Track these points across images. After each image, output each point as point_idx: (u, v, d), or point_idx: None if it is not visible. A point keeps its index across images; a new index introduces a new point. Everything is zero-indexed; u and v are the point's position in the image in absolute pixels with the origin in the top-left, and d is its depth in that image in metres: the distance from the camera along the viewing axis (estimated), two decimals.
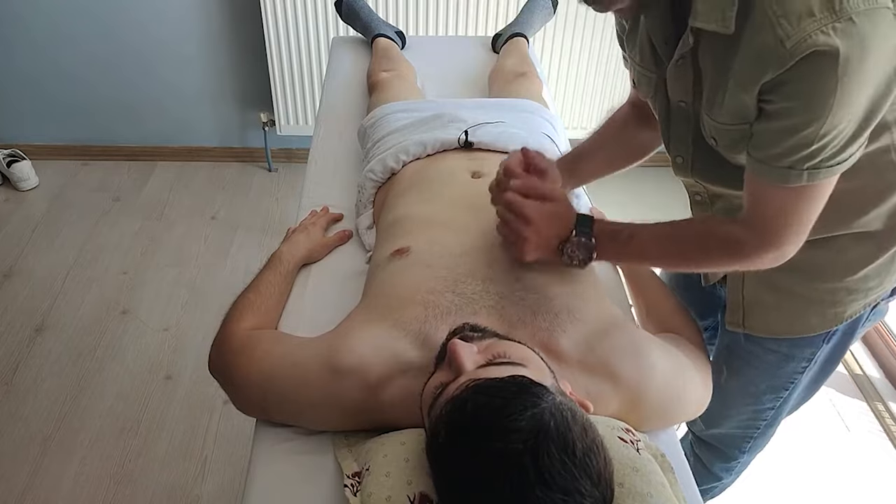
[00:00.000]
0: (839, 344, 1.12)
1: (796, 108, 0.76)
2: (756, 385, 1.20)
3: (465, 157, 1.35)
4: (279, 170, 3.05)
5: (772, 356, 1.14)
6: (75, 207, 2.77)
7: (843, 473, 1.90)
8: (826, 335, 1.09)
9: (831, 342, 1.11)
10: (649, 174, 2.98)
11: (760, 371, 1.18)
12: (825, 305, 1.05)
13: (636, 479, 0.83)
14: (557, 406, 0.72)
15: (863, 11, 0.70)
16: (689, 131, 0.96)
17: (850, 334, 1.12)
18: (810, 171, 0.80)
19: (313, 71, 2.71)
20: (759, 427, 1.29)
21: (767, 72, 0.76)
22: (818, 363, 1.14)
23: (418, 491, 0.82)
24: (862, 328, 1.12)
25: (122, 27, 2.70)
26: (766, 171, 0.83)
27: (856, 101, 0.74)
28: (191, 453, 1.87)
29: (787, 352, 1.13)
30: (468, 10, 2.61)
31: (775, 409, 1.24)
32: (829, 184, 0.83)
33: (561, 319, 0.97)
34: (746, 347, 1.15)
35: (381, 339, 0.96)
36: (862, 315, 1.08)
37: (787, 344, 1.12)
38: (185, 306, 2.33)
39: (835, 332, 1.09)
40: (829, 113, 0.74)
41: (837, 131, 0.76)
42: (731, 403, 1.25)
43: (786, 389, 1.20)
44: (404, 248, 1.11)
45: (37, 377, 2.07)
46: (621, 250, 1.03)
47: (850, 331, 1.11)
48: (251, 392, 1.00)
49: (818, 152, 0.78)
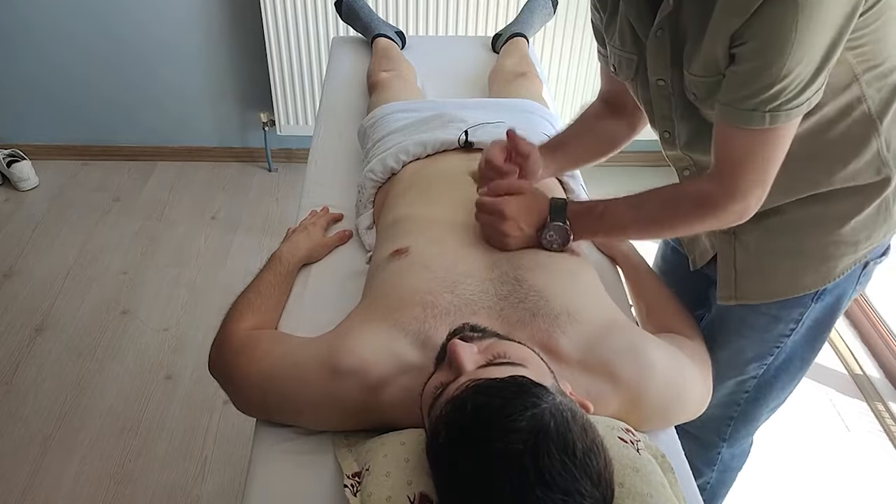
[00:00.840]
0: (829, 306, 1.12)
1: (760, 50, 0.82)
2: (743, 354, 1.20)
3: (465, 157, 1.35)
4: (279, 170, 3.05)
5: (761, 319, 1.15)
6: (75, 207, 2.77)
7: (843, 473, 1.90)
8: (815, 294, 1.10)
9: (820, 302, 1.11)
10: (649, 174, 2.98)
11: (748, 338, 1.18)
12: (816, 261, 1.07)
13: (636, 479, 0.83)
14: (557, 406, 0.72)
15: None
16: (670, 108, 1.02)
17: (841, 298, 1.12)
18: (772, 114, 0.85)
19: (313, 71, 2.71)
20: (739, 403, 1.27)
21: (736, 18, 0.81)
22: (805, 326, 1.14)
23: (418, 491, 0.82)
24: (853, 291, 1.14)
25: (122, 27, 2.71)
26: (730, 114, 0.88)
27: (814, 42, 0.80)
28: (191, 453, 1.87)
29: (776, 313, 1.13)
30: (468, 10, 2.61)
31: (758, 378, 1.22)
32: (789, 129, 0.88)
33: (561, 320, 0.97)
34: (737, 315, 1.17)
35: (381, 339, 0.96)
36: (852, 274, 1.09)
37: (776, 306, 1.12)
38: (185, 306, 2.33)
39: (823, 291, 1.10)
40: (789, 53, 0.80)
41: (797, 73, 0.82)
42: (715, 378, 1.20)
43: (771, 355, 1.19)
44: (403, 248, 1.11)
45: (37, 377, 2.07)
46: (596, 226, 1.09)
47: (841, 294, 1.12)
48: (251, 392, 1.00)
49: (779, 94, 0.83)
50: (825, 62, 0.83)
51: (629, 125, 1.24)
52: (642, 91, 1.06)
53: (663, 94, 1.01)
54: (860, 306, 2.31)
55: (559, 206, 1.08)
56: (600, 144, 1.28)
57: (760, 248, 1.09)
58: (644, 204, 1.05)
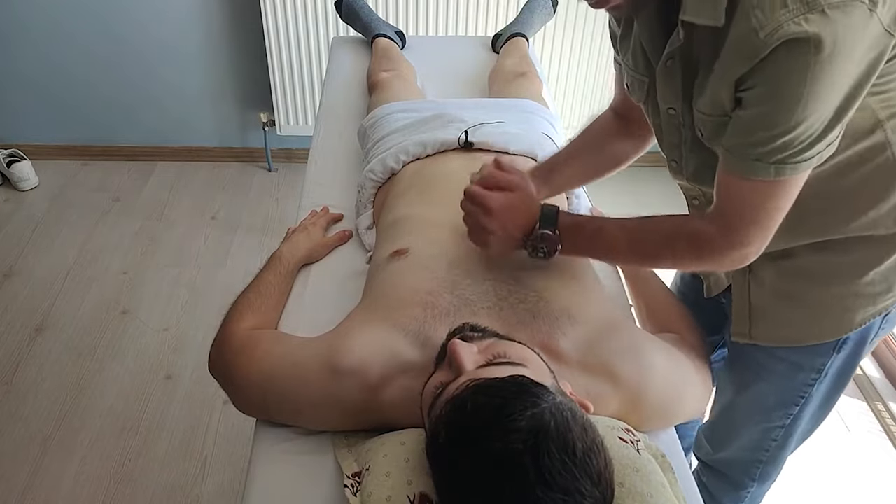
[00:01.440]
0: (851, 355, 1.07)
1: (767, 99, 0.77)
2: (766, 399, 1.15)
3: (466, 158, 1.35)
4: (279, 170, 3.05)
5: (781, 366, 1.09)
6: (75, 207, 2.77)
7: (843, 473, 1.90)
8: (836, 344, 1.05)
9: (842, 352, 1.06)
10: (649, 174, 2.98)
11: (770, 383, 1.13)
12: (834, 311, 1.02)
13: (636, 479, 0.83)
14: (557, 406, 0.72)
15: (836, 4, 0.70)
16: (680, 138, 0.96)
17: (862, 344, 1.07)
18: (777, 166, 0.80)
19: (313, 71, 2.71)
20: (768, 449, 1.22)
21: (744, 62, 0.76)
22: (829, 375, 1.09)
23: (418, 491, 0.82)
24: (875, 338, 1.08)
25: (122, 27, 2.70)
26: (734, 161, 0.83)
27: (826, 95, 0.75)
28: (191, 453, 1.87)
29: (796, 360, 1.08)
30: (468, 10, 2.61)
31: (785, 427, 1.17)
32: (796, 181, 0.83)
33: (561, 321, 0.97)
34: (755, 358, 1.11)
35: (381, 339, 0.96)
36: (873, 324, 1.03)
37: (796, 352, 1.07)
38: (185, 306, 2.33)
39: (846, 340, 1.05)
40: (799, 105, 0.75)
41: (807, 125, 0.76)
42: (740, 422, 1.21)
43: (796, 405, 1.14)
44: (403, 248, 1.11)
45: (37, 377, 2.06)
46: (587, 244, 1.01)
47: (862, 340, 1.06)
48: (251, 392, 1.00)
49: (786, 146, 0.78)
50: (840, 115, 0.77)
51: (639, 140, 1.18)
52: (653, 116, 1.01)
53: (673, 123, 0.96)
54: None
55: (551, 214, 1.00)
56: (605, 163, 1.22)
57: (775, 289, 1.03)
58: (640, 232, 0.98)
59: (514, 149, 1.38)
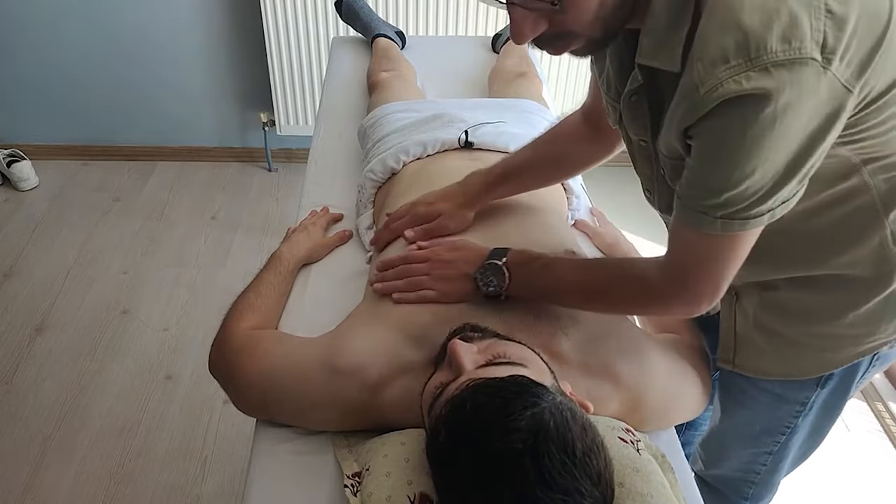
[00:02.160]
0: (837, 390, 1.05)
1: (708, 155, 0.74)
2: (751, 426, 1.14)
3: (466, 158, 1.35)
4: (279, 170, 3.05)
5: (765, 396, 1.08)
6: (75, 207, 2.77)
7: (843, 473, 1.90)
8: (819, 380, 1.03)
9: (827, 387, 1.04)
10: None
11: (754, 412, 1.12)
12: (813, 350, 1.00)
13: (636, 479, 0.83)
14: (557, 406, 0.72)
15: (781, 62, 0.65)
16: (651, 169, 0.93)
17: (850, 380, 1.04)
18: (724, 221, 0.76)
19: (313, 71, 2.71)
20: (758, 472, 1.21)
21: (688, 115, 0.72)
22: (815, 408, 1.07)
23: (418, 491, 0.82)
24: (864, 376, 1.05)
25: (122, 27, 2.71)
26: (683, 211, 0.80)
27: (771, 153, 0.70)
28: (191, 453, 1.87)
29: (780, 392, 1.07)
30: (468, 10, 2.61)
31: (774, 453, 1.16)
32: (746, 237, 0.79)
33: (563, 323, 0.97)
34: (739, 385, 1.10)
35: (382, 339, 0.96)
36: (860, 362, 1.01)
37: (779, 385, 1.06)
38: (185, 306, 2.33)
39: (830, 376, 1.02)
40: (740, 163, 0.71)
41: (751, 182, 0.72)
42: (728, 444, 1.21)
43: (783, 434, 1.13)
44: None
45: (37, 377, 2.07)
46: (535, 278, 0.97)
47: (849, 376, 1.03)
48: (251, 392, 1.00)
49: (731, 202, 0.74)
50: (793, 171, 0.72)
51: (607, 146, 1.16)
52: (626, 141, 0.96)
53: (644, 154, 0.92)
54: None
55: (500, 249, 0.99)
56: (567, 168, 1.20)
57: (758, 320, 1.01)
58: (591, 270, 0.97)
59: (513, 149, 1.37)
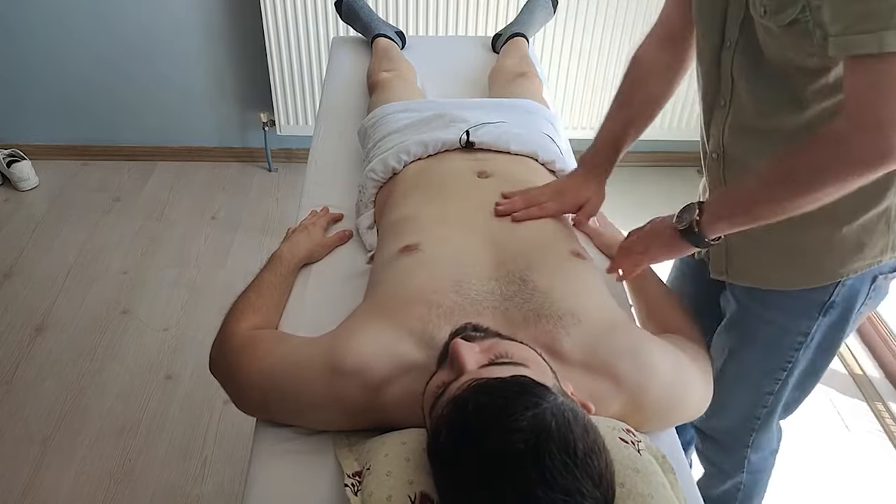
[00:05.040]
0: (837, 321, 1.10)
1: None
2: (754, 365, 1.20)
3: (468, 157, 1.35)
4: (279, 170, 3.05)
5: (768, 328, 1.13)
6: (75, 207, 2.77)
7: (843, 473, 1.90)
8: (822, 307, 1.07)
9: (828, 316, 1.09)
10: (649, 174, 2.98)
11: (757, 349, 1.17)
12: (805, 260, 1.04)
13: (637, 479, 0.83)
14: (559, 406, 0.72)
15: None
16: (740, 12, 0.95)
17: (848, 312, 1.09)
18: (881, 35, 0.76)
19: (313, 71, 2.71)
20: (759, 417, 1.27)
21: None
22: (815, 340, 1.12)
23: (419, 490, 0.81)
24: (862, 307, 1.10)
25: (121, 27, 2.71)
26: (842, 46, 0.80)
27: None
28: (191, 453, 1.87)
29: (783, 323, 1.12)
30: (468, 10, 2.61)
31: (773, 394, 1.22)
32: None
33: (565, 322, 0.97)
34: (745, 323, 1.15)
35: (384, 339, 0.96)
36: (860, 291, 1.06)
37: (783, 315, 1.11)
38: (185, 306, 2.33)
39: (831, 304, 1.07)
40: None
41: None
42: (730, 389, 1.22)
43: (783, 370, 1.18)
44: (413, 244, 1.11)
45: (37, 377, 2.06)
46: (722, 200, 1.00)
47: (848, 307, 1.08)
48: (252, 392, 1.00)
49: (878, 10, 0.76)
50: None
51: (684, 60, 1.19)
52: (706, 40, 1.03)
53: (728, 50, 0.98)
54: None
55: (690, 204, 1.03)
56: (647, 112, 1.24)
57: (754, 231, 1.01)
58: (770, 163, 0.93)
59: (514, 149, 1.38)
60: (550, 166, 1.40)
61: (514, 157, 1.37)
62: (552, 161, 1.40)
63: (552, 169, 1.40)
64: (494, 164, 1.32)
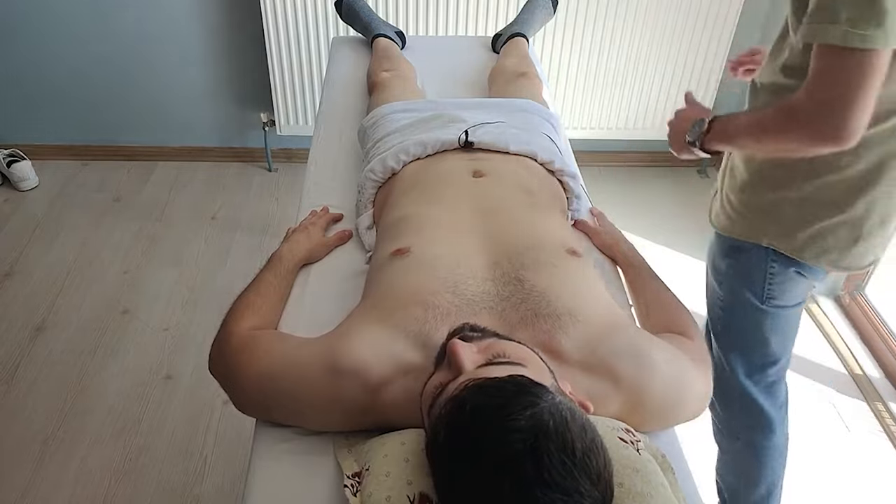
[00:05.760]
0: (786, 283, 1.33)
1: None
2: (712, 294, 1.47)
3: (466, 157, 1.35)
4: (279, 170, 3.05)
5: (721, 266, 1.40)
6: (75, 207, 2.77)
7: (843, 473, 1.90)
8: (766, 263, 1.31)
9: (732, 258, 1.36)
10: (649, 174, 2.98)
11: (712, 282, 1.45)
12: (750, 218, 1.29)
13: (636, 479, 0.83)
14: (556, 406, 0.71)
15: None
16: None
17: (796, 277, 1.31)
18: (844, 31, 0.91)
19: (313, 71, 2.71)
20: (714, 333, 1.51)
21: None
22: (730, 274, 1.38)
23: (418, 491, 0.82)
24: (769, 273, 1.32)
25: (122, 27, 2.71)
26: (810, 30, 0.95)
27: None
28: (191, 453, 1.87)
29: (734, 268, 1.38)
30: (468, 10, 2.61)
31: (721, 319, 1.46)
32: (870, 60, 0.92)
33: (563, 321, 0.97)
34: (713, 260, 1.42)
35: (382, 340, 0.96)
36: (802, 263, 1.27)
37: (723, 262, 1.38)
38: (185, 306, 2.33)
39: (775, 264, 1.30)
40: None
41: None
42: None
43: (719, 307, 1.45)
44: (404, 248, 1.11)
45: (37, 377, 2.07)
46: (725, 126, 1.17)
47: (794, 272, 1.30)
48: (251, 392, 1.00)
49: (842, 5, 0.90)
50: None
51: None
52: None
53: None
54: (860, 306, 2.31)
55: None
56: None
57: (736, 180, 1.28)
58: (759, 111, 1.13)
59: (513, 149, 1.38)
60: (549, 166, 1.40)
61: (513, 157, 1.37)
62: (551, 161, 1.40)
63: (551, 169, 1.40)
64: (492, 164, 1.32)
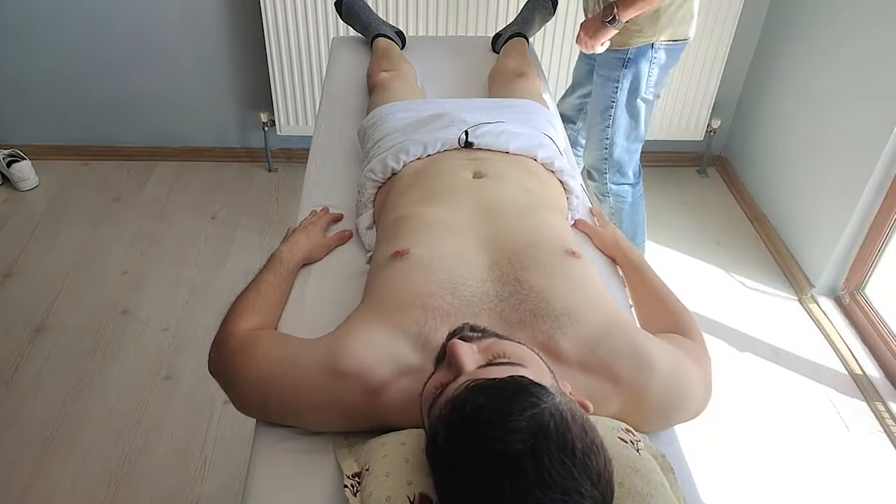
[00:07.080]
0: (636, 71, 1.96)
1: None
2: (597, 104, 2.06)
3: (466, 157, 1.35)
4: (279, 170, 3.05)
5: (599, 79, 2.04)
6: (75, 207, 2.77)
7: (843, 473, 1.90)
8: (623, 61, 1.95)
9: (629, 68, 1.95)
10: (648, 174, 2.98)
11: (596, 93, 2.07)
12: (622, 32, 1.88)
13: (636, 479, 0.83)
14: (557, 406, 0.71)
15: None
16: None
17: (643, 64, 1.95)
18: None
19: (313, 71, 2.71)
20: (606, 148, 2.10)
21: None
22: (623, 84, 1.98)
23: (418, 491, 0.82)
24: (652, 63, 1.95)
25: (122, 27, 2.71)
26: None
27: None
28: (190, 454, 1.87)
29: (604, 74, 2.01)
30: (468, 10, 2.61)
31: (610, 128, 2.06)
32: None
33: (562, 321, 0.97)
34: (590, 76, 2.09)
35: (381, 341, 0.96)
36: (645, 52, 1.92)
37: (604, 68, 2.00)
38: (185, 306, 2.33)
39: (629, 59, 1.94)
40: None
41: None
42: (588, 130, 2.15)
43: (610, 108, 2.03)
44: (404, 249, 1.11)
45: (37, 377, 2.07)
46: None
47: (640, 61, 1.94)
48: (251, 393, 1.00)
49: None
50: None
51: None
52: None
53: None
54: (860, 306, 2.31)
55: None
56: None
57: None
58: None
59: (513, 149, 1.38)
60: (549, 166, 1.40)
61: (513, 157, 1.37)
62: (551, 161, 1.40)
63: (551, 169, 1.40)
64: (492, 164, 1.33)
